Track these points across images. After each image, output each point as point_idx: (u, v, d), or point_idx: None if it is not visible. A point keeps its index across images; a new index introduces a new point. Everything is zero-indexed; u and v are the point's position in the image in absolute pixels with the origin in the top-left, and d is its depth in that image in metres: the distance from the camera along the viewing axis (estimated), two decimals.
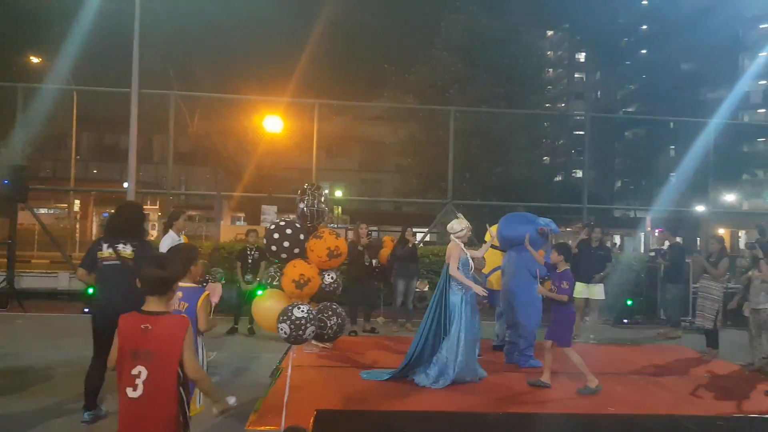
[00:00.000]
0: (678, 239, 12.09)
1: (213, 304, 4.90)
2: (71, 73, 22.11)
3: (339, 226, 34.47)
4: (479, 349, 8.12)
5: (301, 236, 4.67)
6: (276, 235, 4.74)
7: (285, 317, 4.36)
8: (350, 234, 14.71)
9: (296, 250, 4.63)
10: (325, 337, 4.63)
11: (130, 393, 3.16)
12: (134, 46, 13.79)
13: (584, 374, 6.97)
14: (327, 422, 5.39)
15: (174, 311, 4.05)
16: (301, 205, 4.99)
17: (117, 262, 5.55)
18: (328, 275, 4.71)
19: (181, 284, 4.30)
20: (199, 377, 3.32)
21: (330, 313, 4.60)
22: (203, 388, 3.50)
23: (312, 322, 4.37)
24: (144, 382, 3.15)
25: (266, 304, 4.64)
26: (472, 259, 7.31)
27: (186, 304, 4.48)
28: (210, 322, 4.61)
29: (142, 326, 3.20)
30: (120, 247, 5.60)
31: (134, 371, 3.16)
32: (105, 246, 5.66)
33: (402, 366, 7.24)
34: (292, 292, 4.57)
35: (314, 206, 4.89)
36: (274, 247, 4.68)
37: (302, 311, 4.37)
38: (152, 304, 3.29)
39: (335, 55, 30.26)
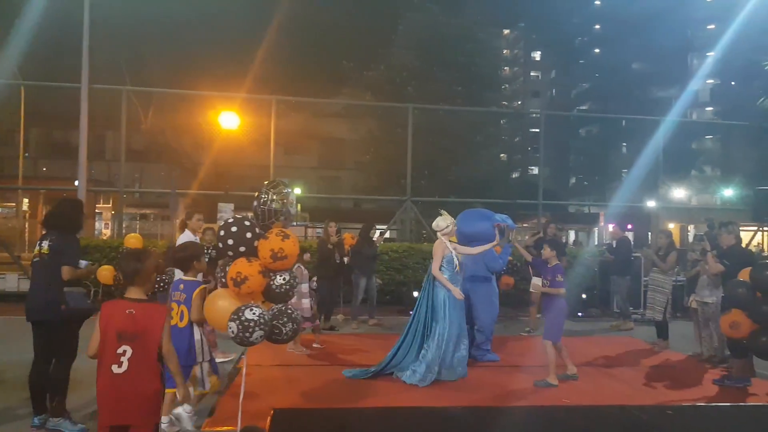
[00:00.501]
0: (626, 234, 12.38)
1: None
2: (18, 68, 21.48)
3: (297, 224, 34.34)
4: (490, 344, 8.23)
5: (248, 234, 4.59)
6: (222, 233, 4.72)
7: (235, 316, 4.33)
8: (309, 231, 14.67)
9: (242, 249, 4.54)
10: (280, 341, 4.58)
11: (116, 369, 3.56)
12: (84, 39, 13.49)
13: (549, 368, 7.05)
14: (284, 422, 5.37)
15: (175, 301, 5.03)
16: (255, 203, 4.93)
17: (37, 258, 5.48)
18: (281, 276, 4.62)
19: (183, 278, 5.17)
20: (170, 358, 3.75)
21: (285, 319, 4.55)
22: (171, 369, 3.79)
23: (261, 326, 4.32)
24: (129, 359, 3.57)
25: (218, 303, 4.58)
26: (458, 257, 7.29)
27: (184, 296, 4.99)
28: (202, 313, 4.87)
29: (126, 311, 3.64)
30: (43, 243, 5.46)
31: (119, 350, 3.57)
32: (38, 243, 5.62)
33: (385, 363, 7.26)
34: (231, 289, 4.53)
35: (266, 205, 4.80)
36: (221, 244, 4.67)
37: (254, 314, 4.32)
38: (133, 293, 3.77)
39: (293, 51, 30.05)
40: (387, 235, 19.92)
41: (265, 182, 5.04)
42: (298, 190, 45.25)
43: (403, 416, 5.94)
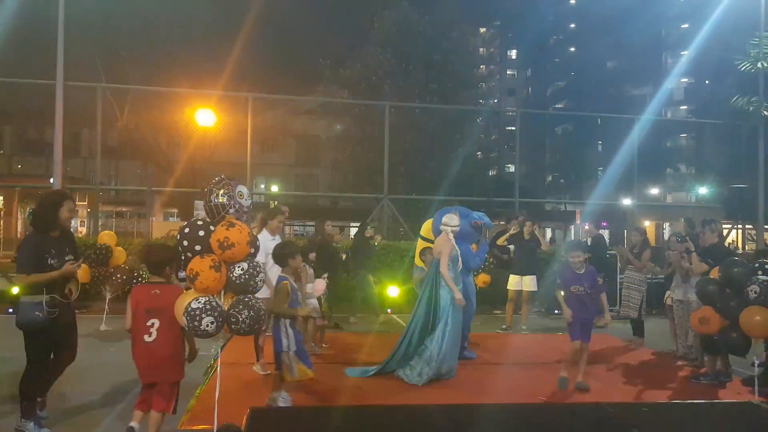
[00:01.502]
0: (600, 231, 12.46)
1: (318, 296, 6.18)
2: None
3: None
4: (467, 342, 8.23)
5: (201, 233, 4.63)
6: (179, 236, 4.77)
7: (184, 309, 4.39)
8: (286, 230, 14.58)
9: (197, 247, 4.58)
10: (241, 331, 4.59)
11: (147, 339, 4.64)
12: (59, 35, 13.33)
13: (579, 368, 7.00)
14: (261, 420, 5.34)
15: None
16: (203, 202, 4.97)
17: None
18: (239, 267, 4.63)
19: (280, 274, 5.79)
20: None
21: (241, 306, 4.56)
22: (187, 336, 4.78)
23: (208, 312, 4.38)
24: (157, 330, 4.64)
25: (180, 303, 4.61)
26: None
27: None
28: (280, 306, 5.56)
29: (152, 291, 4.74)
30: None
31: (149, 323, 4.63)
32: None
33: (387, 361, 7.25)
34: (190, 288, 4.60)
35: (211, 201, 4.84)
36: (179, 248, 4.69)
37: (198, 302, 4.41)
38: (155, 278, 4.87)
39: (269, 49, 29.96)
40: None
41: (212, 180, 5.01)
42: (275, 188, 45.16)
43: (380, 414, 5.95)
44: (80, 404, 6.07)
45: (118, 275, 10.09)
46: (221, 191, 4.85)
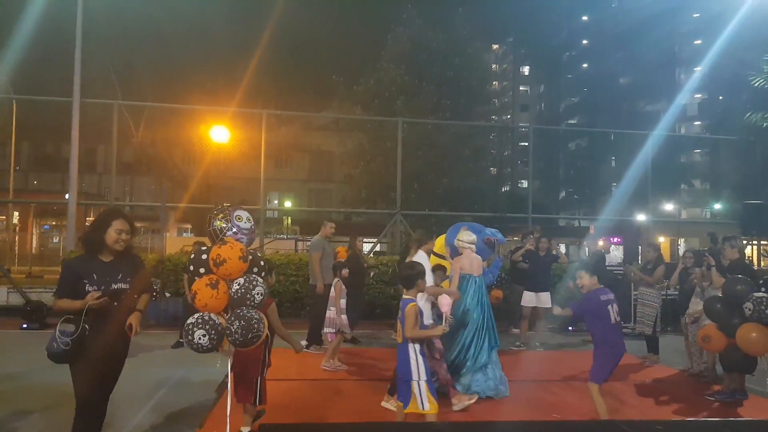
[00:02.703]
0: (600, 247, 12.33)
1: (445, 313, 5.53)
2: (10, 81, 21.44)
3: (288, 237, 34.27)
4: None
5: (203, 257, 4.80)
6: (188, 261, 4.97)
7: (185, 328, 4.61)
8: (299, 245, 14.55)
9: (201, 270, 4.77)
10: (237, 342, 4.67)
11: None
12: (76, 53, 13.52)
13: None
14: None
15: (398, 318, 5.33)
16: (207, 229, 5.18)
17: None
18: (236, 282, 4.76)
19: (404, 296, 5.36)
20: (281, 332, 5.64)
21: (233, 318, 4.67)
22: (281, 335, 5.63)
23: (200, 326, 4.50)
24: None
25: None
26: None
27: (400, 312, 5.21)
28: (412, 330, 5.14)
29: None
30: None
31: None
32: None
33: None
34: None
35: (211, 226, 5.05)
36: (190, 272, 4.89)
37: (193, 318, 4.57)
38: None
39: (283, 66, 30.10)
40: (378, 248, 19.95)
41: (214, 210, 5.21)
42: (288, 203, 45.21)
43: (386, 431, 5.92)
44: None
45: None
46: (220, 215, 5.06)
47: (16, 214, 34.03)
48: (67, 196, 14.67)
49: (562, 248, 40.94)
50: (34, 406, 6.16)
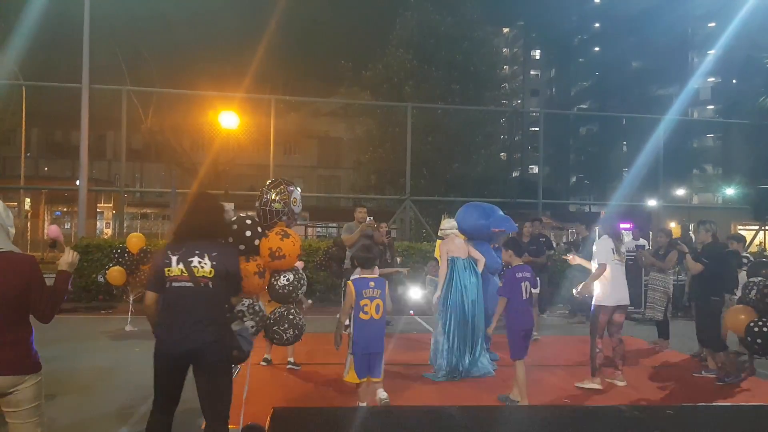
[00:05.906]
0: (588, 233, 12.16)
1: None
2: (19, 68, 21.50)
3: (299, 222, 34.31)
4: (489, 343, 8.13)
5: (248, 233, 4.56)
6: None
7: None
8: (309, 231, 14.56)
9: (241, 247, 4.51)
10: (281, 343, 4.67)
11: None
12: (85, 39, 13.51)
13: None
14: (284, 420, 5.35)
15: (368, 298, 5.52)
16: (257, 203, 4.93)
17: (189, 284, 3.83)
18: (284, 276, 4.61)
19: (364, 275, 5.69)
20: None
21: (286, 325, 4.56)
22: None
23: (251, 317, 4.40)
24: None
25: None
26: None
27: (379, 291, 5.49)
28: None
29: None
30: (195, 261, 3.87)
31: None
32: (174, 259, 3.88)
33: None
34: None
35: (267, 206, 4.79)
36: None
37: (243, 305, 4.43)
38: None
39: (291, 52, 30.03)
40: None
41: (267, 182, 5.02)
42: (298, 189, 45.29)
43: (402, 415, 5.92)
44: (106, 403, 6.08)
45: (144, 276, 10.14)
46: (277, 197, 4.83)
47: (27, 200, 34.25)
48: (77, 182, 14.74)
49: (573, 234, 40.80)
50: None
